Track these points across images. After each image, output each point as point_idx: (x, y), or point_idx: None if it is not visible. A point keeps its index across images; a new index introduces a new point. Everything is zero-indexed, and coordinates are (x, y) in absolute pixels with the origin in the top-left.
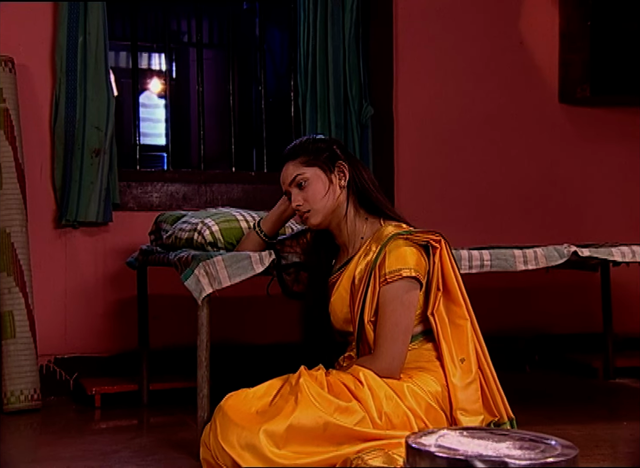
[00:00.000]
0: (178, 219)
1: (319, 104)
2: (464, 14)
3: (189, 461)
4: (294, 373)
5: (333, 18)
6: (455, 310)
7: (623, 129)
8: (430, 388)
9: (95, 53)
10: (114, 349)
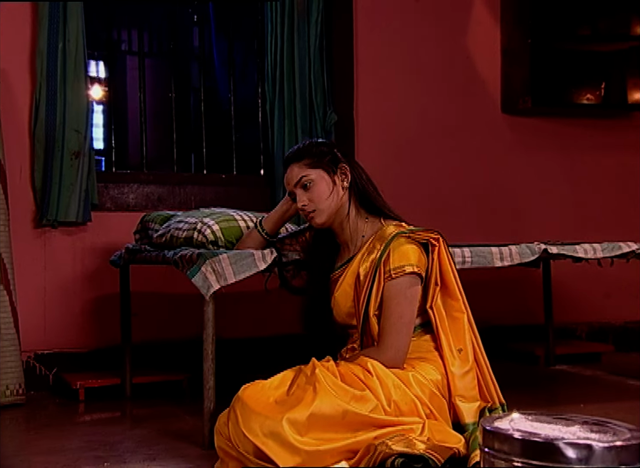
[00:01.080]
0: (167, 219)
1: (286, 110)
2: (418, 29)
3: (195, 450)
4: (305, 365)
5: (299, 31)
6: (452, 304)
7: (558, 138)
8: (432, 377)
9: (75, 59)
10: (92, 345)
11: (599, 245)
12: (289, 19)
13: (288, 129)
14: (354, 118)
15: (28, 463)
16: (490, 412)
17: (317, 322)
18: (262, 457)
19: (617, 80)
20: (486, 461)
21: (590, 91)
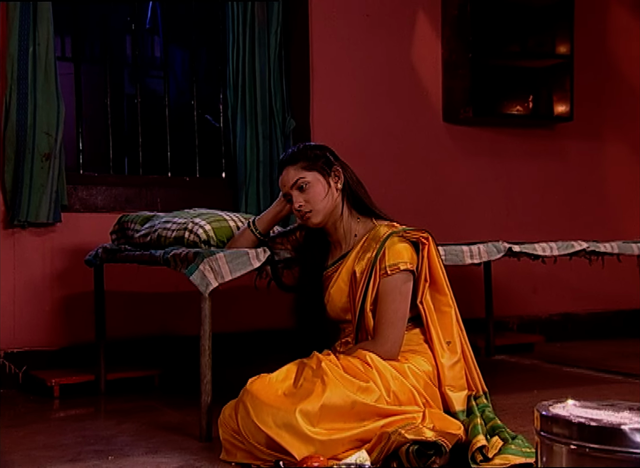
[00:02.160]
0: (148, 220)
1: (247, 116)
2: (368, 42)
3: (193, 442)
4: (306, 358)
5: (260, 40)
6: (441, 299)
7: (492, 145)
8: (424, 368)
9: (45, 62)
10: (61, 343)
11: (554, 243)
12: (250, 29)
13: (249, 133)
14: (310, 124)
15: (30, 458)
16: (475, 400)
17: (309, 317)
18: (275, 448)
19: (544, 93)
20: (543, 445)
21: (520, 103)
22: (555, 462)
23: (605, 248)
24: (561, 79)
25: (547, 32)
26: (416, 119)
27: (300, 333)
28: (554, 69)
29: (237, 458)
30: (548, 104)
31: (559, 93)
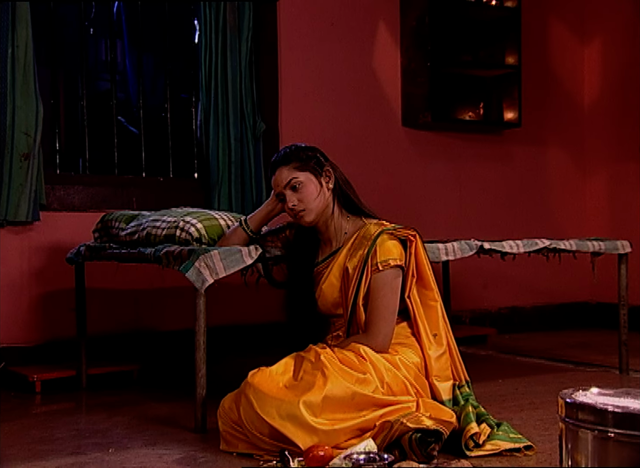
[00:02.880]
0: (132, 218)
1: (220, 119)
2: (333, 50)
3: (189, 434)
4: (303, 352)
5: (231, 46)
6: (427, 293)
7: (448, 149)
8: (413, 360)
9: (24, 64)
10: (38, 339)
11: (520, 241)
12: (222, 35)
13: (222, 135)
14: (279, 127)
15: (32, 451)
16: (459, 389)
17: (301, 312)
18: (279, 438)
19: (494, 101)
20: (568, 431)
21: (472, 110)
22: (580, 447)
23: (565, 246)
24: (510, 87)
25: (498, 44)
26: (377, 123)
27: (292, 328)
28: (504, 78)
29: (238, 448)
30: (498, 110)
31: (508, 101)
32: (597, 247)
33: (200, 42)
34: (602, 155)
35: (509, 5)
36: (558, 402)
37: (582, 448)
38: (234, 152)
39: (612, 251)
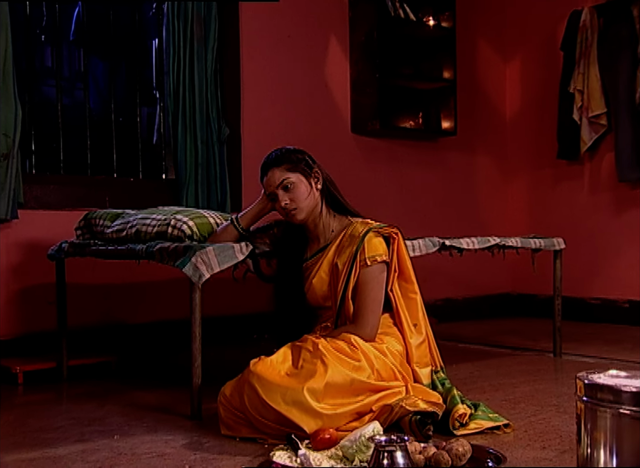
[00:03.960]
0: (117, 216)
1: (187, 123)
2: (289, 60)
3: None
4: (298, 341)
5: (198, 56)
6: (408, 287)
7: (392, 154)
8: (396, 348)
9: (4, 67)
10: (16, 332)
11: (475, 238)
12: (190, 45)
13: (189, 139)
14: (241, 131)
15: (37, 440)
16: (435, 374)
17: (290, 305)
18: (285, 423)
19: (433, 111)
20: (588, 410)
21: (413, 119)
22: (599, 425)
23: (512, 243)
24: (447, 99)
25: (436, 59)
26: (329, 130)
27: (281, 319)
28: (441, 91)
29: (241, 433)
30: (437, 120)
31: (445, 111)
32: (537, 244)
33: (169, 51)
34: (522, 162)
35: (445, 26)
36: (576, 383)
37: (600, 425)
38: (201, 154)
39: (550, 248)
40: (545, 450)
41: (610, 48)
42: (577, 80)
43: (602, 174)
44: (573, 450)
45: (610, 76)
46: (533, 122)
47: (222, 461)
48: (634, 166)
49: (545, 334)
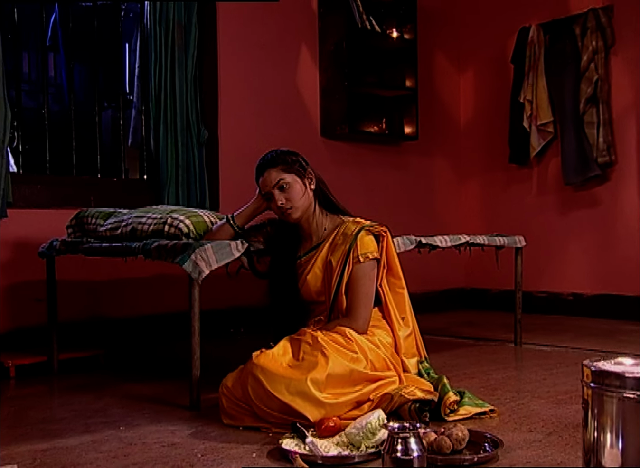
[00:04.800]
0: (110, 215)
1: (169, 126)
2: (263, 68)
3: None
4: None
5: (179, 62)
6: (395, 282)
7: (358, 157)
8: (387, 340)
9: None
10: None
11: (447, 236)
12: (171, 51)
13: (170, 141)
14: (218, 135)
15: (44, 431)
16: (420, 364)
17: (284, 300)
18: (289, 412)
19: (396, 117)
20: (595, 396)
21: (377, 124)
22: (606, 409)
23: (480, 241)
24: (409, 106)
25: (399, 69)
26: (299, 133)
27: (276, 314)
28: (404, 98)
29: (244, 422)
30: (400, 126)
31: (407, 117)
32: (502, 242)
33: (151, 58)
34: (475, 165)
35: (407, 38)
36: (583, 370)
37: (607, 410)
38: (181, 156)
39: (512, 245)
40: (532, 433)
41: (556, 62)
42: (527, 91)
43: (548, 177)
44: (558, 432)
45: (556, 88)
46: (486, 128)
47: (231, 450)
48: (578, 170)
49: (501, 325)
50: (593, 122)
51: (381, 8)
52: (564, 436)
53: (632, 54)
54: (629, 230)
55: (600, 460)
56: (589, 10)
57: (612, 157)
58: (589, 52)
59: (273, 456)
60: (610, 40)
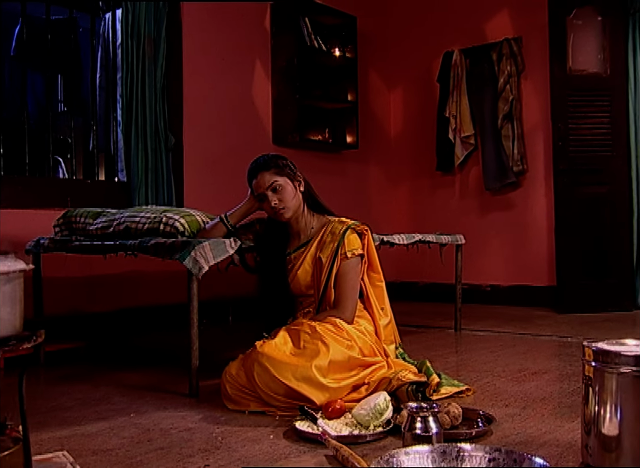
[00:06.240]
0: (99, 215)
1: (139, 132)
2: (223, 80)
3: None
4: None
5: (149, 73)
6: (375, 276)
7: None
8: (369, 329)
9: None
10: None
11: (404, 235)
12: (142, 63)
13: (141, 146)
14: (183, 141)
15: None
16: (396, 349)
17: (275, 293)
18: (295, 397)
19: (339, 128)
20: (597, 373)
21: (321, 133)
22: (606, 385)
23: (430, 239)
24: (350, 118)
25: (341, 84)
26: (254, 141)
27: (267, 307)
28: (346, 111)
29: (250, 407)
30: (342, 135)
31: (349, 128)
32: (446, 240)
33: (123, 68)
34: (405, 172)
35: (349, 57)
36: (584, 350)
37: (607, 385)
38: (151, 160)
39: (454, 242)
40: (508, 407)
41: (477, 83)
42: (452, 107)
43: (470, 183)
44: (531, 406)
45: (477, 105)
46: (415, 139)
47: (247, 433)
48: (497, 178)
49: (434, 314)
50: (509, 135)
51: (326, 29)
52: (537, 409)
53: (539, 79)
54: (538, 229)
55: (601, 429)
56: (503, 39)
57: (525, 166)
58: (505, 75)
59: (290, 437)
60: (521, 66)
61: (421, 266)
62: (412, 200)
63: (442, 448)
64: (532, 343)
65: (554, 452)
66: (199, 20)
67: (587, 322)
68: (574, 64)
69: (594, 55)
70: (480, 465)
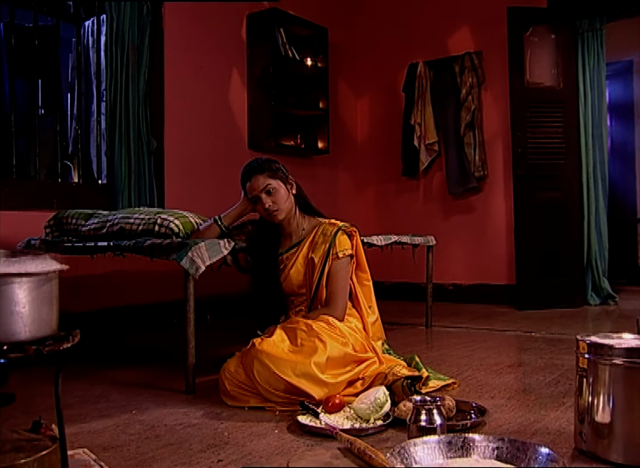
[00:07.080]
0: (91, 216)
1: (123, 136)
2: (202, 87)
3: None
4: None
5: (132, 79)
6: (363, 275)
7: None
8: (359, 326)
9: None
10: None
11: (382, 236)
12: (126, 69)
13: (124, 150)
14: (164, 145)
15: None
16: (382, 345)
17: (268, 293)
18: (295, 392)
19: (311, 134)
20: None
21: (294, 139)
22: (600, 376)
23: (405, 240)
24: (322, 124)
25: (313, 92)
26: (230, 146)
27: (259, 305)
28: (318, 118)
29: (249, 403)
30: (314, 141)
31: (320, 134)
32: (419, 241)
33: (108, 74)
34: (371, 177)
35: (320, 66)
36: (579, 344)
37: (601, 376)
38: (134, 163)
39: (426, 243)
40: (494, 398)
41: (441, 93)
42: (417, 115)
43: (434, 188)
44: (515, 397)
45: (441, 114)
46: (381, 146)
47: (252, 428)
48: (459, 182)
49: (402, 312)
50: (471, 143)
51: (299, 40)
52: (521, 399)
53: (498, 90)
54: (497, 231)
55: (594, 417)
56: (465, 53)
57: (485, 172)
58: (467, 87)
59: (294, 431)
60: (482, 78)
61: (389, 266)
62: (378, 203)
63: (448, 438)
64: (500, 338)
65: (546, 439)
66: (179, 30)
67: (546, 317)
68: (531, 77)
69: (549, 70)
70: (485, 454)
